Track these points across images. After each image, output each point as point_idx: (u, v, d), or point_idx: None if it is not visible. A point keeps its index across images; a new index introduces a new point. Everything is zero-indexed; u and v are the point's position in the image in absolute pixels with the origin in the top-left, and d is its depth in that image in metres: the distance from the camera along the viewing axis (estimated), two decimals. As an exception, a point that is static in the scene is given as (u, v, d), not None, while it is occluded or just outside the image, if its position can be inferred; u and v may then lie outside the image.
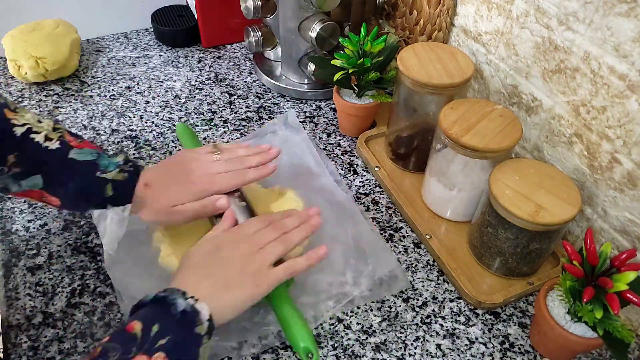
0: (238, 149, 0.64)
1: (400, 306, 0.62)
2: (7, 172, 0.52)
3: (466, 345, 0.59)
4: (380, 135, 0.83)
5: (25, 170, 0.53)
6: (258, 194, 0.69)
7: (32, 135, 0.53)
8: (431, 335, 0.59)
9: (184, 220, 0.59)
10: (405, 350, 0.58)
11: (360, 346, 0.58)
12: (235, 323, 0.57)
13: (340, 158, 0.81)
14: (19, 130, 0.52)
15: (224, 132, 0.84)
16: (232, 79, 0.96)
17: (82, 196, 0.56)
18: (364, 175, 0.78)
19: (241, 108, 0.89)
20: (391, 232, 0.70)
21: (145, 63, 0.98)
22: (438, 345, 0.59)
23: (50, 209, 0.69)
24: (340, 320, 0.60)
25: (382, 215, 0.72)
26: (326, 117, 0.89)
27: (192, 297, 0.47)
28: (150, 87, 0.92)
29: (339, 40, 0.79)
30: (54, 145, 0.54)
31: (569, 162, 0.66)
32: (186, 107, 0.89)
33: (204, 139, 0.83)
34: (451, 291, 0.64)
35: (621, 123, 0.57)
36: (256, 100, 0.91)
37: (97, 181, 0.55)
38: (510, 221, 0.58)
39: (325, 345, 0.58)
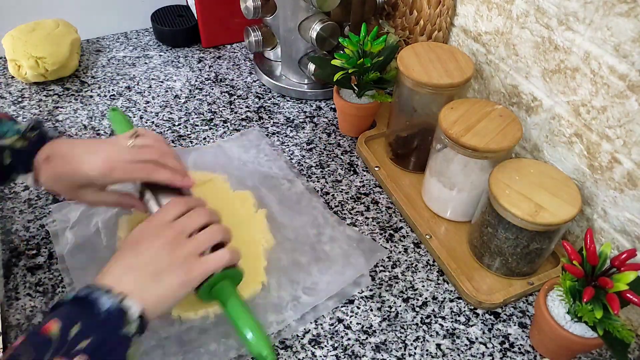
0: (161, 142, 0.59)
1: (400, 306, 0.62)
2: None
3: (466, 345, 0.59)
4: (380, 135, 0.83)
5: None
6: (227, 195, 0.70)
7: None
8: (431, 335, 0.59)
9: (90, 202, 0.58)
10: (405, 350, 0.58)
11: (360, 346, 0.58)
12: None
13: (340, 158, 0.81)
14: None
15: (224, 132, 0.84)
16: (232, 79, 0.96)
17: None
18: (364, 175, 0.78)
19: (241, 108, 0.89)
20: (391, 232, 0.70)
21: (145, 63, 0.98)
22: (438, 345, 0.59)
23: (50, 209, 0.69)
24: (340, 320, 0.60)
25: (382, 215, 0.72)
26: (326, 117, 0.89)
27: (119, 293, 0.43)
28: (150, 87, 0.92)
29: (339, 40, 0.79)
30: None
31: (569, 162, 0.66)
32: (186, 107, 0.89)
33: (204, 139, 0.83)
34: (451, 291, 0.64)
35: (621, 123, 0.57)
36: (256, 100, 0.91)
37: None
38: (510, 221, 0.58)
39: (325, 345, 0.58)
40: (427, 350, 0.58)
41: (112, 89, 0.91)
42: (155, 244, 0.48)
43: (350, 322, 0.60)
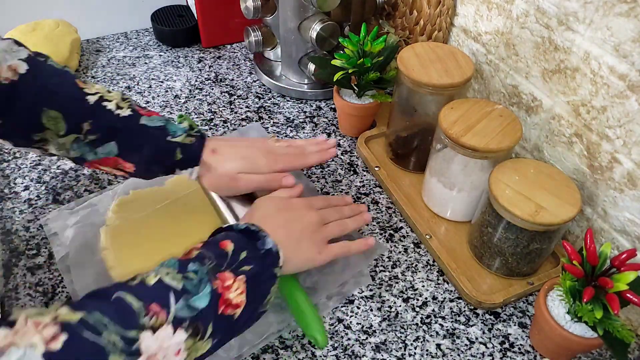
0: (295, 140, 0.68)
1: (400, 306, 0.62)
2: (83, 139, 0.54)
3: (466, 345, 0.59)
4: (380, 135, 0.83)
5: (100, 137, 0.55)
6: None
7: (104, 103, 0.55)
8: (431, 335, 0.59)
9: (244, 190, 0.62)
10: (405, 350, 0.58)
11: (360, 346, 0.58)
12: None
13: (340, 158, 0.81)
14: (91, 99, 0.55)
15: (224, 132, 0.84)
16: (232, 79, 0.96)
17: (154, 161, 0.58)
18: (364, 175, 0.78)
19: (241, 108, 0.89)
20: (391, 232, 0.70)
21: (145, 63, 0.98)
22: (438, 345, 0.59)
23: (49, 209, 0.69)
24: (340, 320, 0.60)
25: (382, 215, 0.72)
26: (326, 117, 0.89)
27: (276, 241, 0.50)
28: (150, 87, 0.92)
29: (339, 40, 0.79)
30: (125, 112, 0.56)
31: (569, 162, 0.66)
32: (186, 107, 0.89)
33: (204, 139, 0.83)
34: (451, 291, 0.64)
35: (621, 123, 0.57)
36: (256, 100, 0.91)
37: (168, 146, 0.57)
38: (510, 221, 0.58)
39: (326, 345, 0.58)
40: (427, 350, 0.58)
41: (112, 89, 0.91)
42: (305, 219, 0.56)
43: (350, 322, 0.60)
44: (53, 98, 0.53)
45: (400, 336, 0.59)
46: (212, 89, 0.93)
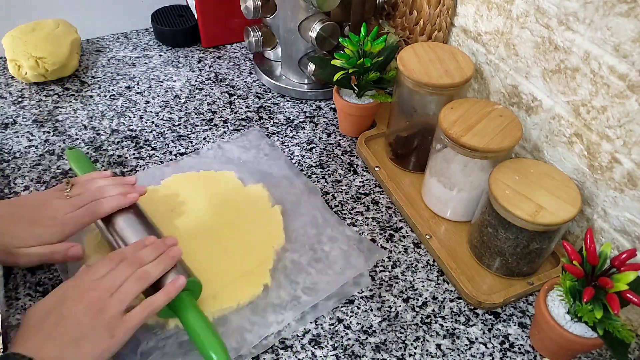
0: (95, 180, 0.61)
1: (400, 306, 0.62)
2: None
3: (466, 345, 0.59)
4: (380, 135, 0.83)
5: None
6: (239, 190, 0.72)
7: None
8: (431, 335, 0.59)
9: (28, 264, 0.57)
10: (405, 350, 0.58)
11: (360, 346, 0.58)
12: (234, 323, 0.58)
13: (340, 158, 0.81)
14: None
15: (224, 132, 0.84)
16: (232, 79, 0.96)
17: None
18: (364, 175, 0.78)
19: (241, 108, 0.89)
20: (391, 232, 0.70)
21: (145, 63, 0.98)
22: (438, 345, 0.59)
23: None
24: (340, 320, 0.60)
25: (382, 215, 0.72)
26: (326, 117, 0.89)
27: None
28: (150, 87, 0.92)
29: (339, 40, 0.79)
30: None
31: (569, 162, 0.66)
32: (186, 107, 0.89)
33: (204, 139, 0.83)
34: (451, 291, 0.64)
35: (621, 123, 0.57)
36: (256, 100, 0.91)
37: None
38: (510, 221, 0.58)
39: (325, 345, 0.58)
40: (427, 350, 0.58)
41: (112, 89, 0.91)
42: (79, 307, 0.48)
43: (350, 322, 0.60)
44: None
45: (400, 336, 0.59)
46: (212, 89, 0.93)
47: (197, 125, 0.85)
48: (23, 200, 0.59)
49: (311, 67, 0.87)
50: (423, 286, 0.64)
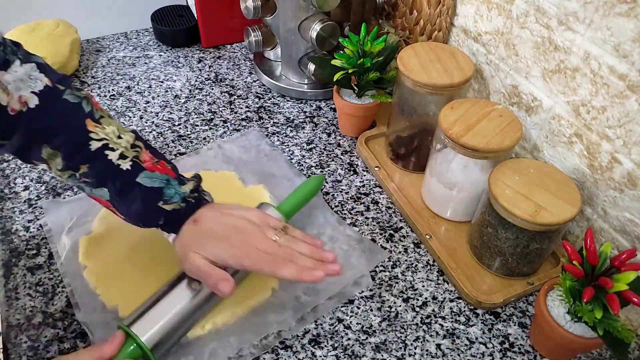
0: (301, 243, 0.56)
1: (400, 306, 0.62)
2: (79, 178, 0.53)
3: (466, 345, 0.59)
4: (380, 135, 0.83)
5: (94, 182, 0.53)
6: (240, 191, 0.72)
7: (107, 152, 0.52)
8: (431, 335, 0.59)
9: (187, 271, 0.55)
10: (405, 350, 0.58)
11: (360, 346, 0.58)
12: (235, 323, 0.58)
13: (340, 158, 0.81)
14: (94, 145, 0.52)
15: (224, 132, 0.84)
16: (232, 79, 0.96)
17: (139, 219, 0.55)
18: (364, 175, 0.78)
19: (241, 108, 0.89)
20: (391, 232, 0.70)
21: (145, 63, 0.98)
22: (438, 345, 0.59)
23: (42, 205, 0.69)
24: (340, 320, 0.60)
25: (382, 215, 0.72)
26: (326, 117, 0.89)
27: None
28: (150, 87, 0.92)
29: (339, 40, 0.79)
30: (125, 165, 0.53)
31: (569, 162, 0.66)
32: (186, 107, 0.89)
33: (204, 139, 0.83)
34: (451, 291, 0.64)
35: (621, 123, 0.57)
36: (256, 100, 0.91)
37: (157, 210, 0.54)
38: (510, 221, 0.58)
39: (325, 345, 0.58)
40: (427, 350, 0.58)
41: (112, 89, 0.91)
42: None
43: (350, 322, 0.60)
44: (54, 137, 0.51)
45: (400, 336, 0.59)
46: (212, 89, 0.93)
47: (197, 125, 0.85)
48: (239, 212, 0.56)
49: (311, 67, 0.87)
50: (423, 286, 0.64)
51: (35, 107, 0.50)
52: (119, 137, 0.54)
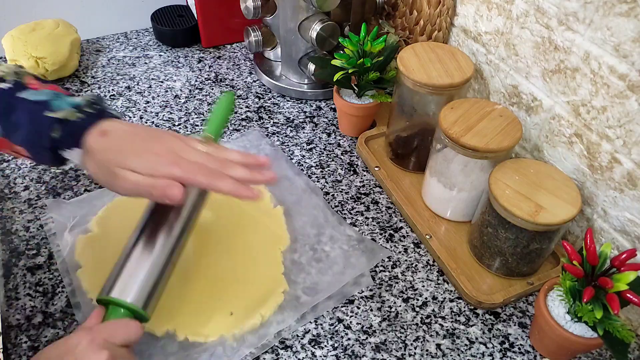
0: (228, 151, 0.53)
1: (400, 306, 0.62)
2: None
3: (466, 345, 0.59)
4: (380, 135, 0.83)
5: None
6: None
7: None
8: (431, 335, 0.59)
9: (122, 190, 0.49)
10: (405, 350, 0.58)
11: (360, 346, 0.58)
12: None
13: (340, 158, 0.81)
14: None
15: (224, 131, 0.84)
16: (232, 79, 0.96)
17: (31, 139, 0.49)
18: (364, 175, 0.78)
19: (241, 108, 0.89)
20: (391, 232, 0.70)
21: (145, 63, 0.98)
22: (438, 345, 0.59)
23: (46, 203, 0.69)
24: (340, 320, 0.60)
25: (382, 215, 0.72)
26: (326, 117, 0.89)
27: None
28: (150, 87, 0.92)
29: (339, 40, 0.79)
30: (4, 85, 0.49)
31: (569, 162, 0.66)
32: (186, 107, 0.89)
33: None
34: (451, 291, 0.64)
35: (621, 123, 0.57)
36: (256, 100, 0.91)
37: (44, 121, 0.47)
38: (510, 221, 0.58)
39: (325, 345, 0.58)
40: (427, 350, 0.58)
41: (112, 89, 0.91)
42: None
43: (350, 322, 0.60)
44: None
45: (400, 336, 0.59)
46: (212, 89, 0.93)
47: (197, 125, 0.85)
48: (152, 129, 0.53)
49: (311, 67, 0.87)
50: (423, 286, 0.64)
51: None
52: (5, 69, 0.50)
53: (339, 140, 0.84)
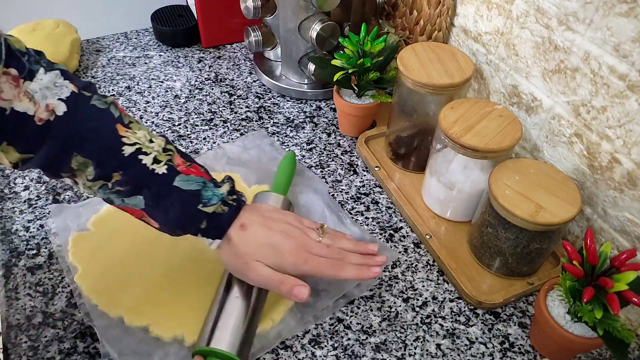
0: (343, 239, 0.59)
1: (400, 306, 0.62)
2: (110, 188, 0.50)
3: (466, 345, 0.59)
4: (380, 135, 0.83)
5: (128, 190, 0.51)
6: (246, 192, 0.72)
7: (141, 157, 0.50)
8: (431, 335, 0.59)
9: (252, 282, 0.55)
10: (405, 350, 0.58)
11: (360, 346, 0.58)
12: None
13: (340, 158, 0.81)
14: (127, 150, 0.50)
15: (224, 132, 0.84)
16: (232, 79, 0.96)
17: (179, 225, 0.53)
18: (364, 175, 0.78)
19: (241, 108, 0.89)
20: (391, 232, 0.70)
21: (145, 63, 0.98)
22: (438, 345, 0.59)
23: (50, 209, 0.69)
24: (340, 320, 0.60)
25: (382, 215, 0.72)
26: (326, 117, 0.89)
27: None
28: (150, 87, 0.92)
29: (339, 40, 0.79)
30: (161, 169, 0.51)
31: (569, 162, 0.66)
32: (186, 107, 0.89)
33: (204, 139, 0.83)
34: (451, 291, 0.64)
35: (621, 123, 0.57)
36: (256, 100, 0.91)
37: (197, 214, 0.52)
38: (510, 221, 0.58)
39: (325, 345, 0.58)
40: (427, 350, 0.58)
41: (112, 89, 0.91)
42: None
43: (350, 322, 0.60)
44: (85, 144, 0.48)
45: (400, 336, 0.59)
46: (212, 89, 0.93)
47: (197, 125, 0.85)
48: (278, 214, 0.58)
49: (311, 67, 0.87)
50: (423, 286, 0.64)
51: (64, 115, 0.47)
52: (151, 142, 0.51)
53: (339, 140, 0.84)
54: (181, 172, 0.52)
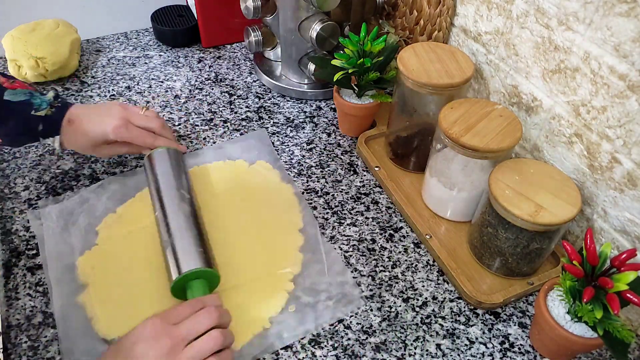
0: (158, 118, 0.75)
1: (400, 306, 0.62)
2: None
3: (466, 345, 0.59)
4: (380, 135, 0.83)
5: None
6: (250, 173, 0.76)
7: None
8: (431, 335, 0.59)
9: (109, 155, 0.73)
10: (405, 350, 0.58)
11: (360, 346, 0.58)
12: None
13: (340, 158, 0.81)
14: None
15: (224, 132, 0.84)
16: (232, 79, 0.96)
17: (21, 133, 0.65)
18: (364, 175, 0.78)
19: (241, 108, 0.89)
20: (391, 232, 0.70)
21: (145, 63, 0.98)
22: (438, 345, 0.59)
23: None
24: (340, 320, 0.60)
25: (382, 215, 0.72)
26: (326, 117, 0.89)
27: None
28: (150, 87, 0.92)
29: (339, 40, 0.79)
30: None
31: (569, 162, 0.66)
32: (186, 107, 0.89)
33: (204, 139, 0.83)
34: (451, 291, 0.64)
35: (621, 123, 0.57)
36: (256, 100, 0.91)
37: (32, 118, 0.64)
38: (510, 221, 0.58)
39: (325, 345, 0.58)
40: (427, 350, 0.58)
41: (112, 89, 0.91)
42: (149, 353, 0.46)
43: (350, 322, 0.60)
44: None
45: (400, 336, 0.59)
46: (212, 89, 0.93)
47: (197, 125, 0.85)
48: (104, 104, 0.72)
49: (311, 67, 0.87)
50: (423, 286, 0.64)
51: None
52: None
53: (339, 140, 0.84)
54: (7, 87, 0.63)
